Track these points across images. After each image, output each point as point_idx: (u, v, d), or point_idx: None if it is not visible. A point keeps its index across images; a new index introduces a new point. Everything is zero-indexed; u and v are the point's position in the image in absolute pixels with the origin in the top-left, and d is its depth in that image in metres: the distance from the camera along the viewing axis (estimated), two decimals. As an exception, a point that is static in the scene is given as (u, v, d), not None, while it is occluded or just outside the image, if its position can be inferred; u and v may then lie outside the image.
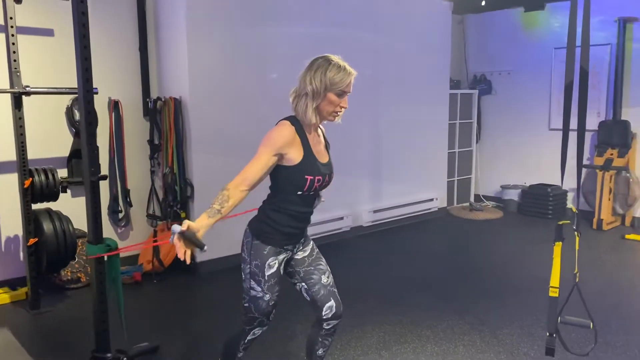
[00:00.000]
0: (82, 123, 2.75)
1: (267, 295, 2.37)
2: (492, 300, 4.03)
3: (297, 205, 2.34)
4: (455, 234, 6.22)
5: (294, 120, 2.30)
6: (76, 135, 4.42)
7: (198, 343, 3.35)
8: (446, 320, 3.63)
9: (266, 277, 2.35)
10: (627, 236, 5.70)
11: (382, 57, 5.87)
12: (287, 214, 2.34)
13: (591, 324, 2.54)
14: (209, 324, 3.64)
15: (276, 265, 2.37)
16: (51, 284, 4.22)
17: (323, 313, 2.46)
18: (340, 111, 2.29)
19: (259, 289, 2.37)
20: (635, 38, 6.08)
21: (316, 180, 2.29)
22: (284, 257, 2.41)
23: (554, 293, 2.58)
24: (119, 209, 4.67)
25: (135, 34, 4.68)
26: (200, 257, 4.66)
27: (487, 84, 7.48)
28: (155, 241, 4.56)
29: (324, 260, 2.53)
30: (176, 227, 2.03)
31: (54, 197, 3.85)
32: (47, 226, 3.72)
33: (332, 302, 2.46)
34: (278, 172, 2.28)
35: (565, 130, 2.59)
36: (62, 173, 4.20)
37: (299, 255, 2.48)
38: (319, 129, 2.42)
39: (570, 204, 6.72)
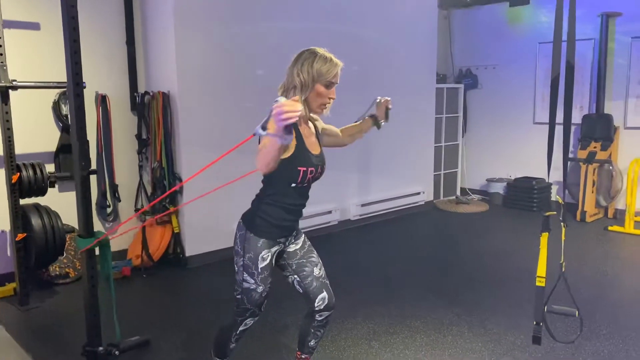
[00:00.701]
0: (72, 117, 2.74)
1: (260, 287, 2.39)
2: (479, 291, 4.09)
3: (290, 197, 2.36)
4: (442, 227, 6.29)
5: None
6: (63, 130, 4.39)
7: (189, 336, 3.37)
8: (434, 311, 3.69)
9: (259, 270, 2.37)
10: (609, 228, 5.81)
11: (369, 52, 5.90)
12: (280, 206, 2.36)
13: (577, 312, 2.59)
14: (199, 317, 3.66)
15: (269, 258, 2.39)
16: (39, 280, 4.19)
17: (316, 305, 2.50)
18: (329, 102, 2.32)
19: (252, 281, 2.39)
20: (618, 33, 6.18)
21: (309, 172, 2.31)
22: (277, 250, 2.43)
23: (540, 283, 2.63)
24: (107, 204, 4.66)
25: (122, 28, 4.66)
26: (189, 251, 4.67)
27: (472, 78, 7.55)
28: (144, 217, 4.54)
29: (315, 252, 2.56)
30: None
31: (42, 192, 3.83)
32: (35, 221, 3.70)
33: (324, 294, 2.50)
34: None
35: (552, 123, 2.64)
36: (50, 168, 4.17)
37: (291, 248, 2.51)
38: (309, 122, 2.44)
39: (555, 196, 6.83)
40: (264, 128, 1.86)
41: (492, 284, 4.27)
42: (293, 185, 2.32)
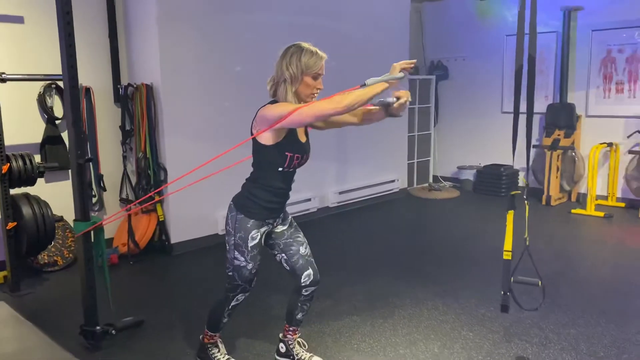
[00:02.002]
0: (68, 109, 2.87)
1: (250, 264, 2.59)
2: (452, 270, 4.36)
3: (277, 181, 2.56)
4: (416, 212, 6.56)
5: (275, 104, 2.50)
6: (48, 121, 4.48)
7: (179, 316, 3.54)
8: (411, 289, 3.93)
9: (249, 248, 2.57)
10: (573, 211, 6.16)
11: (343, 44, 6.08)
12: (268, 190, 2.55)
13: (539, 282, 2.86)
14: (187, 300, 3.83)
15: (258, 237, 2.58)
16: (28, 268, 4.30)
17: (302, 280, 2.70)
18: (317, 93, 2.51)
19: (243, 259, 2.58)
20: (579, 26, 6.51)
21: (295, 158, 2.51)
22: (265, 230, 2.63)
23: (507, 256, 2.88)
24: (93, 193, 4.76)
25: (104, 21, 4.75)
26: (174, 238, 4.82)
27: (443, 69, 7.82)
28: (139, 205, 4.69)
29: (301, 233, 2.78)
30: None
31: (32, 182, 3.93)
32: (26, 210, 3.81)
33: (310, 271, 2.71)
34: (261, 150, 2.48)
35: (516, 112, 2.89)
36: (36, 159, 4.27)
37: (279, 228, 2.71)
38: None
39: (521, 181, 7.17)
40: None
41: (464, 263, 4.54)
42: (280, 169, 2.51)
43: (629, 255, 4.72)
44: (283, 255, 2.71)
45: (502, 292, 2.87)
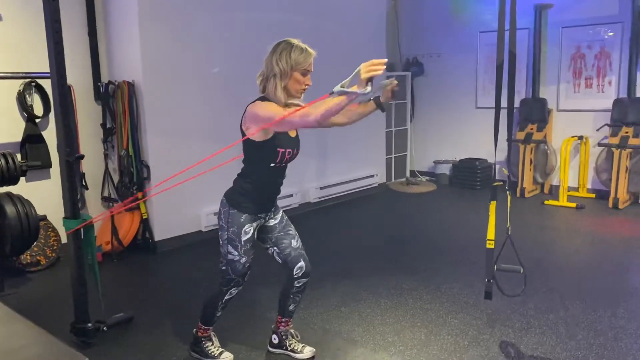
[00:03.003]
0: (57, 106, 2.88)
1: (244, 258, 2.64)
2: (433, 260, 4.48)
3: (269, 176, 2.62)
4: (395, 206, 6.69)
5: (264, 99, 2.55)
6: (28, 120, 4.44)
7: (166, 312, 3.57)
8: (395, 279, 4.04)
9: (242, 242, 2.62)
10: (546, 202, 6.36)
11: (322, 41, 6.13)
12: (260, 185, 2.61)
13: (521, 269, 2.98)
14: (173, 297, 3.86)
15: (251, 231, 2.64)
16: (10, 268, 4.25)
17: (294, 272, 2.77)
18: (305, 88, 2.57)
19: (236, 253, 2.63)
20: (550, 23, 6.71)
21: (287, 153, 2.57)
22: (258, 224, 2.68)
23: (490, 245, 2.99)
24: (75, 192, 4.73)
25: (83, 18, 4.72)
26: (158, 236, 4.82)
27: (419, 66, 7.96)
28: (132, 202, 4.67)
29: (292, 226, 2.84)
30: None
31: (14, 181, 3.89)
32: (9, 209, 3.76)
33: (301, 263, 2.78)
34: (252, 146, 2.53)
35: (497, 107, 3.00)
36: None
37: (271, 222, 2.77)
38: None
39: (497, 173, 7.36)
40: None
41: (444, 253, 4.67)
42: (272, 165, 2.57)
43: (601, 243, 4.92)
44: (275, 248, 2.77)
45: (486, 280, 2.98)
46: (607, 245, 4.82)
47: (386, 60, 2.09)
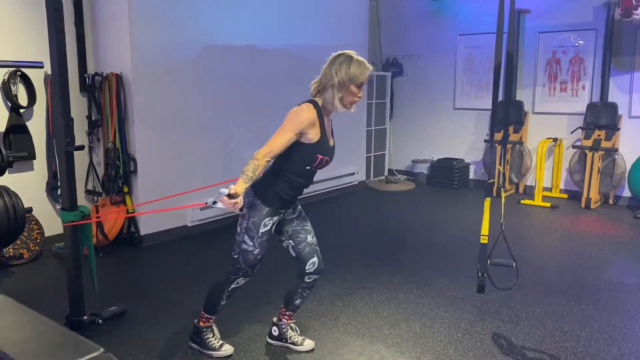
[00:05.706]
0: (57, 97, 2.84)
1: (257, 250, 2.66)
2: (418, 256, 4.58)
3: (301, 177, 2.65)
4: (376, 204, 6.78)
5: (315, 104, 2.58)
6: (12, 109, 4.34)
7: (158, 305, 3.55)
8: (384, 275, 4.11)
9: (259, 234, 2.64)
10: (522, 201, 6.56)
11: (305, 41, 6.19)
12: (290, 183, 2.64)
13: (514, 263, 3.09)
14: (162, 290, 3.84)
15: (270, 225, 2.67)
16: (-8, 262, 4.16)
17: (307, 267, 2.81)
18: (357, 100, 2.61)
19: (251, 243, 2.65)
20: (527, 28, 6.91)
21: (324, 160, 2.62)
22: (277, 219, 2.71)
23: (484, 240, 3.10)
24: (58, 185, 4.64)
25: (69, 6, 4.64)
26: (143, 230, 4.78)
27: (398, 66, 8.08)
28: (129, 211, 4.61)
29: (309, 222, 2.88)
30: (224, 191, 2.25)
31: (1, 172, 3.81)
32: (-4, 201, 3.69)
33: (315, 259, 2.82)
34: (295, 147, 2.54)
35: (495, 104, 3.10)
36: None
37: (289, 217, 2.80)
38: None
39: (472, 175, 7.55)
40: (214, 202, 2.29)
41: (428, 249, 4.77)
42: (307, 167, 2.61)
43: (576, 241, 5.11)
44: (290, 241, 2.81)
45: (480, 274, 3.07)
46: (583, 243, 5.02)
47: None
